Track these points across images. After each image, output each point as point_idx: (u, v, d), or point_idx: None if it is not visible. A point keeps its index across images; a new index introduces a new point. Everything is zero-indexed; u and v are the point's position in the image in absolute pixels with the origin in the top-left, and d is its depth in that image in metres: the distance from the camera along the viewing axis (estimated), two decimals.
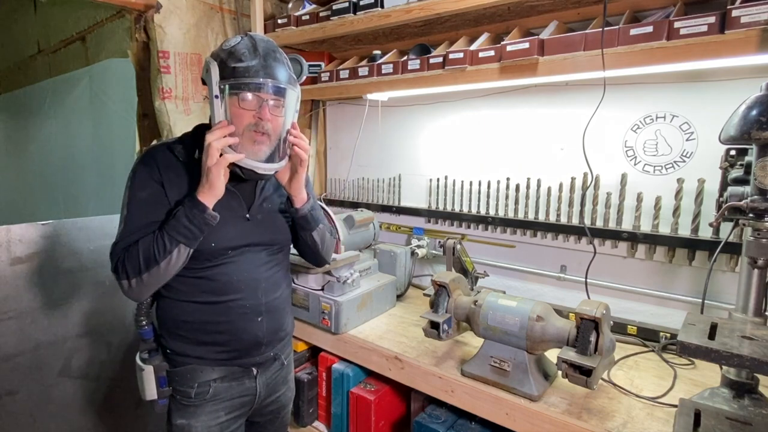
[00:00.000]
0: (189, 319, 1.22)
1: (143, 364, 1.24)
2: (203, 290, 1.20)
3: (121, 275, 1.11)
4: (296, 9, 2.18)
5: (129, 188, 1.17)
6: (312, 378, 1.81)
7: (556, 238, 1.80)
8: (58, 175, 3.21)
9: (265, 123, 1.13)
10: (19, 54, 3.65)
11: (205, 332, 1.23)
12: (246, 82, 1.10)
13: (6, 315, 1.53)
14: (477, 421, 1.43)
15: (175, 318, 1.23)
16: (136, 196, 1.15)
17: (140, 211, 1.15)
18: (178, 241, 1.10)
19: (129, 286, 1.12)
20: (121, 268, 1.11)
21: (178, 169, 1.19)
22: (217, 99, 1.12)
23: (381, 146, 2.36)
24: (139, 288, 1.12)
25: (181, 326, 1.23)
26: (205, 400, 1.25)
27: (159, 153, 1.20)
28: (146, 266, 1.10)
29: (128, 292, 1.14)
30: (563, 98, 1.74)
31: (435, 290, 1.44)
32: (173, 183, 1.17)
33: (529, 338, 1.26)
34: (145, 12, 1.94)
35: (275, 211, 1.31)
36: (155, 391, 1.26)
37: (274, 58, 1.15)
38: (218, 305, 1.21)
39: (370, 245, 2.07)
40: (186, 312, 1.22)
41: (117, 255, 1.13)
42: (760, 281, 1.12)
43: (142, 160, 1.19)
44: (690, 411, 1.09)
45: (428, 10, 1.62)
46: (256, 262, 1.26)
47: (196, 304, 1.21)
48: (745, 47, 1.12)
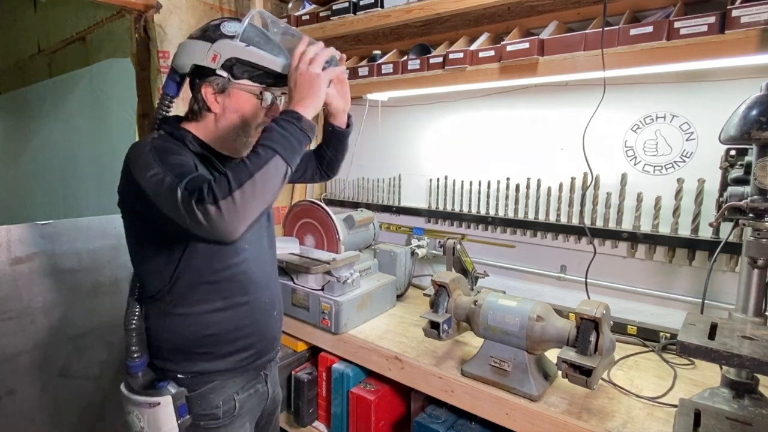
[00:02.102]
0: (212, 331, 1.07)
1: (157, 398, 1.03)
2: (225, 294, 1.08)
3: (207, 198, 0.83)
4: (296, 9, 2.18)
5: (157, 160, 0.93)
6: (312, 378, 1.81)
7: (556, 238, 1.80)
8: (58, 175, 3.21)
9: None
10: (19, 54, 3.65)
11: (230, 341, 1.09)
12: (280, 83, 1.01)
13: (6, 315, 1.53)
14: (477, 421, 1.43)
15: (192, 336, 1.07)
16: (171, 159, 0.95)
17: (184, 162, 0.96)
18: (274, 150, 0.88)
19: (218, 211, 0.83)
20: (207, 190, 0.84)
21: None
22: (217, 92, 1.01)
23: (381, 146, 2.36)
24: (230, 214, 0.84)
25: (202, 343, 1.07)
26: (234, 416, 1.11)
27: (171, 142, 1.03)
28: (238, 182, 0.84)
29: (215, 224, 0.84)
30: (563, 98, 1.74)
31: (435, 290, 1.44)
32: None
33: (529, 338, 1.26)
34: (145, 12, 1.94)
35: None
36: (175, 424, 1.05)
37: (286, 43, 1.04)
38: (242, 307, 1.10)
39: (370, 245, 2.07)
40: (208, 325, 1.07)
41: (196, 183, 0.87)
42: (760, 281, 1.12)
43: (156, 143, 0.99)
44: (690, 411, 1.09)
45: (428, 10, 1.62)
46: (262, 249, 1.18)
47: (220, 312, 1.08)
48: (745, 47, 1.12)
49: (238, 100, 1.03)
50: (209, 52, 0.99)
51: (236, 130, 1.06)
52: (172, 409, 1.04)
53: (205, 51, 0.99)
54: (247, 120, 1.05)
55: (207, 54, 0.99)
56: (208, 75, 1.01)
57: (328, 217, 1.79)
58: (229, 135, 1.07)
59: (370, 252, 2.04)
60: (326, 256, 1.68)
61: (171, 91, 1.10)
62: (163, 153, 0.95)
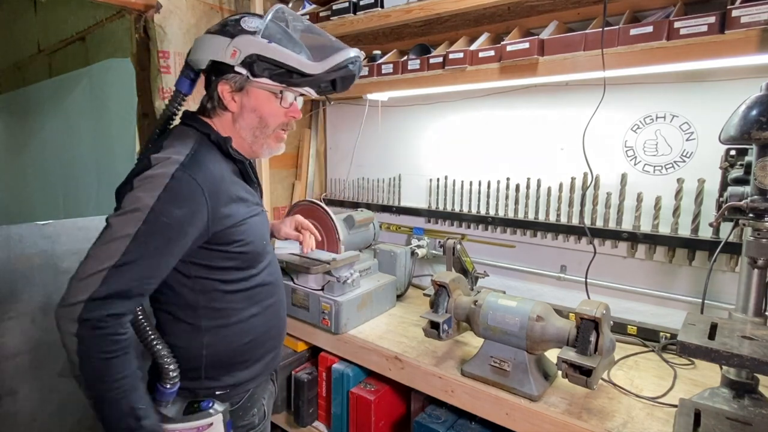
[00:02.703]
0: (250, 338, 1.04)
1: (209, 419, 0.95)
2: (257, 300, 1.05)
3: (70, 324, 0.83)
4: (296, 9, 2.18)
5: (147, 215, 0.86)
6: (312, 378, 1.80)
7: (556, 238, 1.80)
8: (58, 175, 3.21)
9: (293, 122, 1.05)
10: (19, 54, 3.65)
11: (263, 344, 1.07)
12: (303, 83, 0.97)
13: (6, 315, 1.53)
14: (477, 421, 1.43)
15: (233, 346, 1.02)
16: (153, 239, 0.88)
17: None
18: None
19: (66, 332, 0.84)
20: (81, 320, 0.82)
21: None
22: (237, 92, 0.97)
23: (381, 146, 2.36)
24: (69, 340, 0.84)
25: (242, 351, 1.04)
26: (264, 420, 1.11)
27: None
28: (86, 374, 0.83)
29: (58, 324, 0.86)
30: (563, 98, 1.74)
31: (435, 290, 1.44)
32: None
33: (529, 338, 1.26)
34: (145, 12, 1.94)
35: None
36: None
37: (318, 39, 1.01)
38: (271, 308, 1.09)
39: (370, 245, 2.07)
40: (247, 332, 1.04)
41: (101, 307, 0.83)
42: (760, 281, 1.12)
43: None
44: (690, 411, 1.09)
45: (428, 10, 1.62)
46: (272, 250, 1.17)
47: (255, 318, 1.05)
48: (745, 47, 1.12)
49: (258, 99, 0.99)
50: (228, 48, 0.93)
51: (253, 131, 1.02)
52: (222, 428, 0.98)
53: (224, 47, 0.94)
54: (265, 120, 1.00)
55: (226, 50, 0.93)
56: (225, 72, 0.96)
57: (328, 217, 1.79)
58: (246, 136, 1.02)
59: (370, 252, 2.04)
60: (326, 256, 1.68)
61: (184, 89, 1.06)
62: (159, 215, 0.84)
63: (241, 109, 1.00)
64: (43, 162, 3.39)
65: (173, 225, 0.86)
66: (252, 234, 1.00)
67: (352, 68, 0.98)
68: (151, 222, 0.84)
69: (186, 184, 0.88)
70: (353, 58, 0.98)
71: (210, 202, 0.90)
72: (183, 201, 0.87)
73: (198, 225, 0.90)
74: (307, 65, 0.94)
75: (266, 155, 1.07)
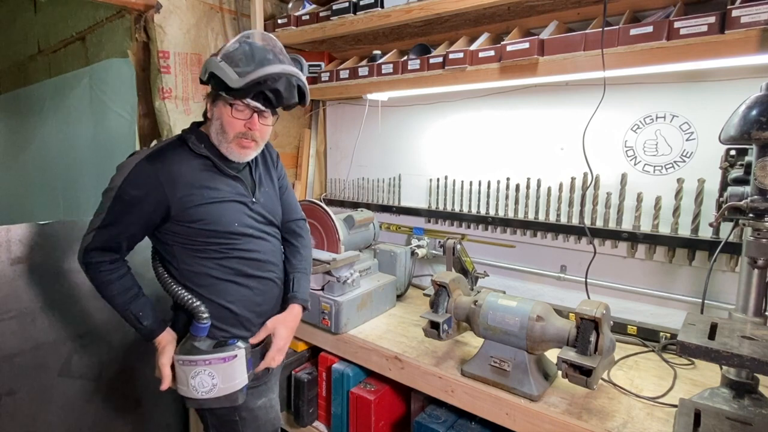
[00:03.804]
0: (231, 303, 1.29)
1: (234, 351, 1.17)
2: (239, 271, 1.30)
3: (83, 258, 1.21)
4: (296, 9, 2.18)
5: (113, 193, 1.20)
6: (312, 378, 1.81)
7: (556, 238, 1.80)
8: (58, 175, 3.20)
9: (254, 132, 1.20)
10: (19, 54, 3.64)
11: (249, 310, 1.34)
12: (236, 95, 1.14)
13: (6, 315, 1.53)
14: (477, 421, 1.43)
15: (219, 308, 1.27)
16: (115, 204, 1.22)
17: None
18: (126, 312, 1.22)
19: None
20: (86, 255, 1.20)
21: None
22: (211, 103, 1.21)
23: (381, 146, 2.36)
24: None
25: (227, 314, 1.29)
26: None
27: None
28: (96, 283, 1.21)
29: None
30: (563, 98, 1.74)
31: (435, 290, 1.44)
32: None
33: (529, 338, 1.26)
34: (145, 12, 1.94)
35: (270, 192, 1.38)
36: (245, 376, 1.19)
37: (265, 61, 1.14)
38: (254, 280, 1.32)
39: (370, 245, 2.07)
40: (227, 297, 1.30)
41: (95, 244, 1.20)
42: (760, 281, 1.12)
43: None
44: (690, 411, 1.09)
45: (428, 10, 1.62)
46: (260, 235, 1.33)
47: (236, 286, 1.31)
48: (745, 47, 1.12)
49: (220, 110, 1.19)
50: (204, 68, 1.16)
51: (217, 135, 1.21)
52: (245, 362, 1.17)
53: (204, 67, 1.16)
54: (224, 128, 1.19)
55: (204, 70, 1.16)
56: (206, 85, 1.20)
57: (328, 217, 1.79)
58: (214, 139, 1.23)
59: (370, 252, 2.04)
60: (326, 256, 1.68)
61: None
62: (122, 194, 1.15)
63: (212, 117, 1.22)
64: (43, 162, 3.39)
65: (132, 201, 1.15)
66: (214, 215, 1.21)
67: (272, 84, 1.12)
68: (117, 198, 1.15)
69: (142, 171, 1.16)
70: (272, 75, 1.11)
71: (165, 186, 1.16)
72: (138, 185, 1.15)
73: (152, 202, 1.16)
74: (231, 80, 1.10)
75: (235, 159, 1.24)
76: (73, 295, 1.69)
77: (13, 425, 1.57)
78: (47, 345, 1.64)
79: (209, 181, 1.22)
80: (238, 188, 1.27)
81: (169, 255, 1.25)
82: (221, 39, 2.20)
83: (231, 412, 1.28)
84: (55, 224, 1.63)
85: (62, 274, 1.65)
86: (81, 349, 1.73)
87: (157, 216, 1.18)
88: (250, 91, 1.12)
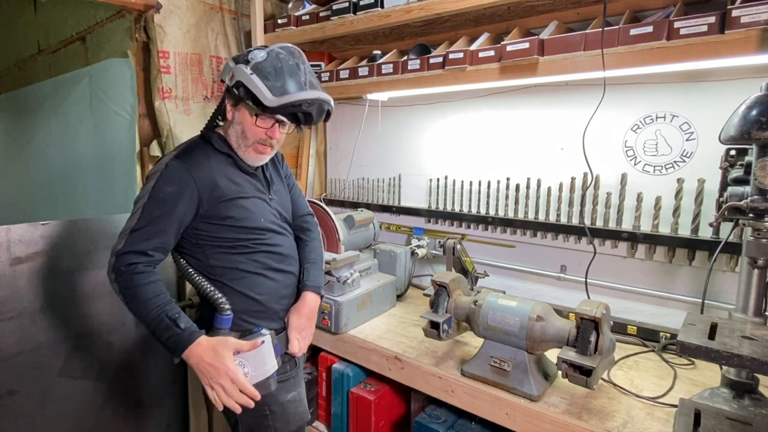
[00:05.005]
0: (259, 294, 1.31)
1: (260, 337, 1.18)
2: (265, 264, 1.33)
3: (111, 268, 1.17)
4: (296, 9, 2.18)
5: (147, 195, 1.20)
6: (312, 378, 1.81)
7: (556, 238, 1.80)
8: (58, 175, 3.20)
9: (273, 140, 1.26)
10: (19, 54, 3.64)
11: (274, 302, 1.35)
12: (268, 111, 1.17)
13: (6, 315, 1.53)
14: (477, 421, 1.43)
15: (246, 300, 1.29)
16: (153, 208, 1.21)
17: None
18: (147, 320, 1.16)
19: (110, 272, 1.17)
20: (116, 265, 1.16)
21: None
22: (232, 107, 1.24)
23: (381, 146, 2.36)
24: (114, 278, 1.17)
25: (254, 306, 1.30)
26: (295, 367, 1.38)
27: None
28: (123, 294, 1.16)
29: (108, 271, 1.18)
30: (563, 98, 1.74)
31: (435, 290, 1.44)
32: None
33: (529, 338, 1.26)
34: (145, 12, 1.94)
35: (282, 190, 1.43)
36: (275, 361, 1.20)
37: (296, 81, 1.17)
38: (278, 273, 1.36)
39: (370, 245, 2.07)
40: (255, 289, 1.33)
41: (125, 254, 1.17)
42: (760, 281, 1.12)
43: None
44: (690, 411, 1.09)
45: (428, 10, 1.62)
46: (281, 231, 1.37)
47: (261, 278, 1.34)
48: (745, 47, 1.12)
49: (243, 115, 1.23)
50: (230, 72, 1.20)
51: (237, 138, 1.26)
52: (272, 348, 1.20)
53: (229, 71, 1.20)
54: (245, 133, 1.24)
55: (229, 74, 1.20)
56: (229, 90, 1.22)
57: (328, 217, 1.79)
58: (233, 141, 1.28)
59: (370, 252, 2.04)
60: (326, 256, 1.68)
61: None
62: (157, 192, 1.16)
63: (233, 120, 1.26)
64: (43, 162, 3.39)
65: (167, 198, 1.16)
66: (242, 211, 1.25)
67: (306, 108, 1.17)
68: (152, 197, 1.16)
69: (175, 169, 1.18)
70: (308, 100, 1.16)
71: (197, 181, 1.19)
72: (173, 181, 1.17)
73: (186, 198, 1.18)
74: (267, 99, 1.13)
75: (251, 162, 1.29)
76: (74, 295, 1.69)
77: (13, 425, 1.57)
78: (47, 345, 1.64)
79: (234, 176, 1.27)
80: (257, 185, 1.32)
81: (198, 252, 1.26)
82: (221, 39, 2.20)
83: (262, 406, 1.24)
84: (55, 224, 1.63)
85: (62, 274, 1.65)
86: (81, 349, 1.73)
87: (189, 215, 1.20)
88: (283, 111, 1.16)
